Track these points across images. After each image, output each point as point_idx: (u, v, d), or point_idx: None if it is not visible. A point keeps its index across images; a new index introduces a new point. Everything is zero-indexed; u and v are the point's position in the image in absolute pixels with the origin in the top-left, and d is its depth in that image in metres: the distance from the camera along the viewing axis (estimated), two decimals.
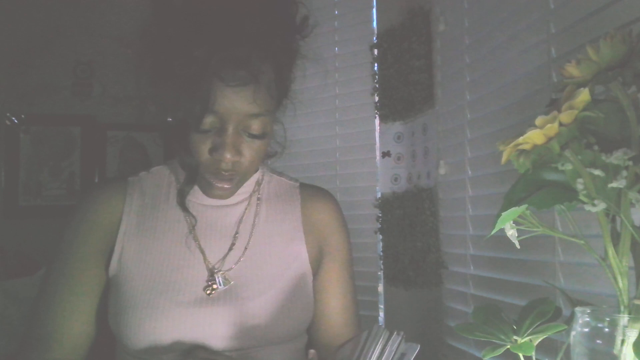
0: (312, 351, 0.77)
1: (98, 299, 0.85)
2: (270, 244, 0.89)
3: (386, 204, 1.58)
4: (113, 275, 0.84)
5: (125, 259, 0.84)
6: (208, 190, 0.83)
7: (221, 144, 0.75)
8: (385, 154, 1.59)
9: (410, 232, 1.45)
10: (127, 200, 0.87)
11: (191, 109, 0.73)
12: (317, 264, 0.93)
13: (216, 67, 0.71)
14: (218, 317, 0.80)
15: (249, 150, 0.78)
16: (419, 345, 0.69)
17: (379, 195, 1.64)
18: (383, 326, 0.71)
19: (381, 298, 1.67)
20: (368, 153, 1.72)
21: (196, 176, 0.81)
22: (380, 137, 1.63)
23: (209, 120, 0.74)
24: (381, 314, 1.68)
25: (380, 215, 1.61)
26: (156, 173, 0.92)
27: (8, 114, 2.16)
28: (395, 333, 0.69)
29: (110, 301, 0.84)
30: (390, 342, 0.68)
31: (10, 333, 1.48)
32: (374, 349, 0.68)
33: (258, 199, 0.92)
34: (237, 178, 0.81)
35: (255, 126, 0.76)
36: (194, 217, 0.87)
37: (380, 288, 1.67)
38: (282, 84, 0.81)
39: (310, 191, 0.97)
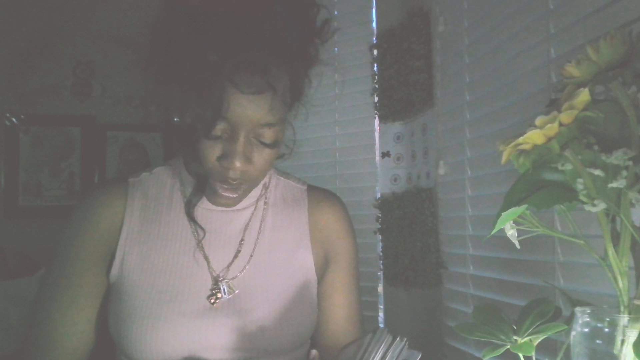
0: (313, 351, 0.77)
1: (98, 304, 0.83)
2: (275, 252, 0.87)
3: (386, 204, 1.58)
4: (114, 282, 0.82)
5: (127, 265, 0.82)
6: (213, 199, 0.80)
7: (231, 151, 0.71)
8: (384, 154, 1.59)
9: (410, 232, 1.45)
10: (128, 203, 0.84)
11: (202, 115, 0.69)
12: (322, 271, 0.91)
13: (230, 72, 0.67)
14: (222, 327, 0.79)
15: (259, 158, 0.75)
16: (421, 353, 0.68)
17: (378, 195, 1.64)
18: (387, 330, 0.70)
19: (381, 298, 1.67)
20: (368, 153, 1.72)
21: (205, 186, 0.79)
22: (379, 137, 1.63)
23: (220, 127, 0.70)
24: (381, 314, 1.68)
25: (380, 215, 1.61)
26: (158, 174, 0.89)
27: (8, 114, 2.16)
28: (398, 338, 0.68)
29: (110, 308, 0.82)
30: (392, 347, 0.68)
31: (10, 333, 1.48)
32: (376, 353, 0.68)
33: (265, 203, 0.90)
34: (244, 187, 0.79)
35: (268, 135, 0.73)
36: (202, 229, 0.84)
37: (380, 288, 1.67)
38: (296, 89, 0.77)
39: (318, 195, 0.94)
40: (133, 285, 0.80)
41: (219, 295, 0.81)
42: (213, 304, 0.80)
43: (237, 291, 0.82)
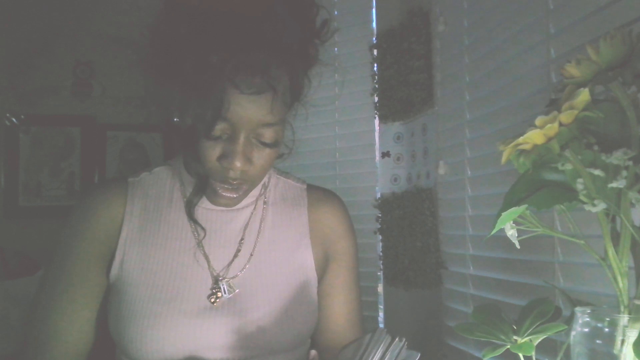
0: (313, 352, 0.77)
1: (98, 304, 0.83)
2: (276, 251, 0.87)
3: (386, 204, 1.58)
4: (114, 282, 0.82)
5: (127, 265, 0.81)
6: (214, 199, 0.80)
7: (231, 152, 0.72)
8: (384, 154, 1.59)
9: (409, 232, 1.45)
10: (128, 203, 0.84)
11: (202, 115, 0.69)
12: (322, 270, 0.91)
13: (230, 73, 0.67)
14: (222, 326, 0.79)
15: (259, 158, 0.75)
16: (419, 354, 0.68)
17: (378, 195, 1.64)
18: (386, 331, 0.70)
19: (381, 298, 1.67)
20: (368, 153, 1.72)
21: (206, 186, 0.79)
22: (379, 137, 1.63)
23: (220, 127, 0.70)
24: (381, 314, 1.68)
25: (380, 215, 1.61)
26: (158, 174, 0.89)
27: (8, 114, 2.16)
28: (397, 339, 0.69)
29: (110, 307, 0.82)
30: (391, 348, 0.68)
31: (10, 333, 1.48)
32: (375, 354, 0.68)
33: (264, 202, 0.90)
34: (245, 187, 0.79)
35: (268, 134, 0.73)
36: (203, 228, 0.84)
37: (380, 288, 1.67)
38: (295, 89, 0.77)
39: (318, 194, 0.94)
40: (133, 284, 0.80)
41: (219, 294, 0.81)
42: (213, 303, 0.80)
43: (237, 290, 0.82)
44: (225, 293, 0.81)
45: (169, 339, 0.77)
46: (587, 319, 0.52)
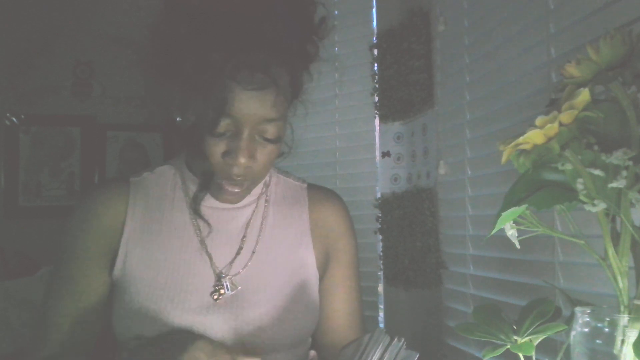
0: (312, 352, 0.77)
1: (103, 302, 0.84)
2: (277, 249, 0.88)
3: (386, 204, 1.58)
4: (117, 279, 0.83)
5: (129, 263, 0.82)
6: (218, 195, 0.81)
7: (235, 148, 0.73)
8: (385, 154, 1.59)
9: (410, 232, 1.45)
10: (130, 203, 0.85)
11: (206, 112, 0.70)
12: (323, 268, 0.92)
13: (233, 70, 0.69)
14: (224, 323, 0.79)
15: (262, 154, 0.76)
16: (418, 354, 0.68)
17: (378, 195, 1.64)
18: (385, 331, 0.70)
19: (381, 298, 1.67)
20: (368, 153, 1.72)
21: (210, 182, 0.79)
22: (380, 137, 1.63)
23: (224, 124, 0.71)
24: (381, 314, 1.68)
25: (380, 215, 1.61)
26: (160, 173, 0.89)
27: (8, 114, 2.16)
28: (396, 339, 0.69)
29: (113, 305, 0.83)
30: (390, 349, 0.68)
31: (10, 333, 1.48)
32: (373, 354, 0.68)
33: (266, 201, 0.90)
34: (248, 182, 0.79)
35: (271, 130, 0.74)
36: (209, 224, 0.85)
37: (380, 288, 1.67)
38: (295, 86, 0.79)
39: (318, 193, 0.95)
40: (136, 282, 0.81)
41: (221, 291, 0.81)
42: (216, 300, 0.81)
43: (239, 287, 0.82)
44: (227, 290, 0.82)
45: None
46: (587, 319, 0.52)
